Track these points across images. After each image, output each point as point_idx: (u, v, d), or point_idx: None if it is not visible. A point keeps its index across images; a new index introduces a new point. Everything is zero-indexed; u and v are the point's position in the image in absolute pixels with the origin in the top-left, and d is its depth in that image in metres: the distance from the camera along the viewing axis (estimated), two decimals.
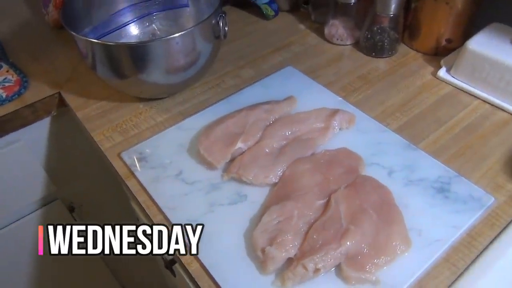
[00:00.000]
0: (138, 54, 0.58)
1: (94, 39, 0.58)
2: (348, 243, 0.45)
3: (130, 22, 0.73)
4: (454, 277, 0.45)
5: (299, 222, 0.48)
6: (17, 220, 0.83)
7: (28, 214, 0.83)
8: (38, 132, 0.76)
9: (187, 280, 0.54)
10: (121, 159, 0.60)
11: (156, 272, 1.05)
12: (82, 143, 0.79)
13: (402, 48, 0.77)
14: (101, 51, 0.59)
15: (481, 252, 0.47)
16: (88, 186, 0.91)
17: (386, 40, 0.74)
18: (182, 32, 0.57)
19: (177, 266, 0.59)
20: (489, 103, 0.65)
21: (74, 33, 0.58)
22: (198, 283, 0.46)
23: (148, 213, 0.54)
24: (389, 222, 0.48)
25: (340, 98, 0.67)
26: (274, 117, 0.62)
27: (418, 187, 0.53)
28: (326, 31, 0.80)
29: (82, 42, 0.60)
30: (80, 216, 0.92)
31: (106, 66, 0.61)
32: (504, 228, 0.49)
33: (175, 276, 0.64)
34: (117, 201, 0.88)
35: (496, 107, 0.64)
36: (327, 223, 0.47)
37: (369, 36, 0.75)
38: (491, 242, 0.48)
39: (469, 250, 0.47)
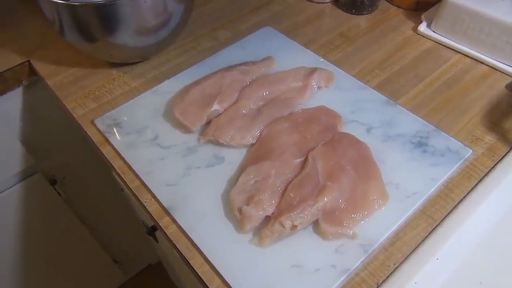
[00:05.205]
0: (105, 14, 0.55)
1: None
2: (325, 199, 0.45)
3: None
4: (431, 228, 0.45)
5: (276, 181, 0.48)
6: None
7: (7, 189, 0.82)
8: (11, 103, 0.74)
9: (168, 244, 0.54)
10: (95, 126, 0.58)
11: (146, 243, 1.05)
12: (58, 113, 0.76)
13: (383, 4, 0.75)
14: (67, 13, 0.56)
15: (458, 203, 0.47)
16: (70, 158, 0.90)
17: None
18: None
19: (159, 232, 0.59)
20: (469, 56, 0.64)
21: None
22: (176, 245, 0.46)
23: (125, 179, 0.53)
24: (366, 177, 0.48)
25: (319, 57, 0.65)
26: (251, 77, 0.60)
27: (396, 142, 0.52)
28: None
29: (47, 5, 0.57)
30: (63, 189, 0.91)
31: (73, 29, 0.58)
32: (481, 179, 0.49)
33: (157, 242, 0.64)
34: (101, 172, 0.87)
35: (477, 60, 0.63)
36: (304, 180, 0.47)
37: None
38: (468, 193, 0.48)
39: (446, 201, 0.47)
